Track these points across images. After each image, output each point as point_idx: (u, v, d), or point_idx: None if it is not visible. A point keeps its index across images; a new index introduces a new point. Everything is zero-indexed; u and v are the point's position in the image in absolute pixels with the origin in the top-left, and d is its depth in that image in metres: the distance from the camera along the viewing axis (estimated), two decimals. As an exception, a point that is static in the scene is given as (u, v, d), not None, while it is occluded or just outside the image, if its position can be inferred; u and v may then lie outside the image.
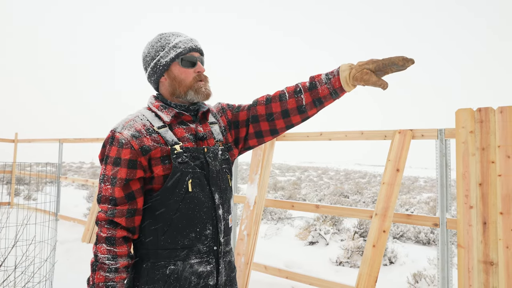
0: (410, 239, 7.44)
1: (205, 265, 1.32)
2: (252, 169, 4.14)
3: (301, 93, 1.38)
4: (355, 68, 1.28)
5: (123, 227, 1.27)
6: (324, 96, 1.35)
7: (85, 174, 25.33)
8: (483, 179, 2.71)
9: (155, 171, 1.29)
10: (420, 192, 20.98)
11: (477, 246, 2.64)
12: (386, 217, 3.18)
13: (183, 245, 1.30)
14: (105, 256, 1.24)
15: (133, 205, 1.28)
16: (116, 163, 1.26)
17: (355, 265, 5.46)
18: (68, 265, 4.52)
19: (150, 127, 1.33)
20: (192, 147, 1.34)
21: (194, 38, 1.43)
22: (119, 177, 1.26)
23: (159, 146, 1.30)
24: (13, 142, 9.09)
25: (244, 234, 3.92)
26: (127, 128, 1.30)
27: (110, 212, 1.25)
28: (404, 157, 3.27)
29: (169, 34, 1.40)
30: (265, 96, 1.47)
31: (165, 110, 1.37)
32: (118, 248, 1.25)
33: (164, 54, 1.37)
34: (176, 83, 1.38)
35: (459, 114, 2.89)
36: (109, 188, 1.26)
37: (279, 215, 9.16)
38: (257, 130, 1.48)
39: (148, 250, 1.31)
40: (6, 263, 3.08)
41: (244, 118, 1.50)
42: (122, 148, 1.27)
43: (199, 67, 1.40)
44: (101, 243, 1.25)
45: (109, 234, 1.24)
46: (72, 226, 6.96)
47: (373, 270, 3.10)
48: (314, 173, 43.64)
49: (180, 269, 1.29)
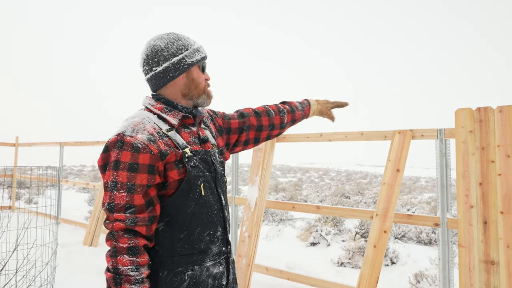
0: (411, 239, 7.42)
1: (218, 266, 1.36)
2: (252, 170, 4.14)
3: (284, 114, 1.74)
4: (321, 104, 1.84)
5: (143, 236, 1.22)
6: (298, 118, 1.80)
7: (86, 178, 25.33)
8: (483, 179, 2.71)
9: (171, 176, 1.26)
10: (422, 192, 20.95)
11: (478, 245, 2.64)
12: (386, 217, 3.18)
13: (199, 249, 1.30)
14: (129, 267, 1.16)
15: (153, 212, 1.23)
16: (133, 168, 1.19)
17: (356, 266, 5.45)
18: (69, 268, 4.52)
19: (160, 130, 1.29)
20: (201, 150, 1.36)
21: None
22: (139, 183, 1.20)
23: (173, 150, 1.28)
24: (13, 146, 9.11)
25: (245, 235, 3.92)
26: (139, 132, 1.24)
27: (130, 221, 1.18)
28: (404, 157, 3.27)
29: (185, 36, 1.39)
30: (251, 109, 1.70)
31: (170, 112, 1.34)
32: (141, 257, 1.19)
33: (189, 54, 1.36)
34: (193, 85, 1.38)
35: (458, 114, 2.89)
36: (125, 196, 1.19)
37: (280, 216, 9.15)
38: (246, 138, 1.67)
39: (164, 258, 1.27)
40: (7, 267, 3.08)
41: (236, 126, 1.63)
42: (139, 153, 1.20)
43: (207, 75, 1.46)
44: (122, 255, 1.16)
45: (131, 243, 1.17)
46: (73, 229, 6.96)
47: (374, 271, 3.10)
48: (315, 174, 43.61)
49: (198, 273, 1.29)
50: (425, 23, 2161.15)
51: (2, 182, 12.09)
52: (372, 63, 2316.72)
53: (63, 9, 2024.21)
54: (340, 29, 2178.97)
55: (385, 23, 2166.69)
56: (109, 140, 1.24)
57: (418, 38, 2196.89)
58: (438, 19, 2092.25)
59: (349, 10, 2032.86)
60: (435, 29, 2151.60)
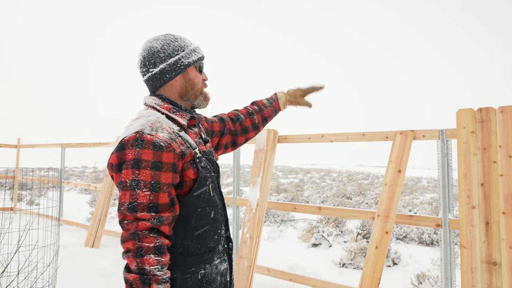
0: (413, 240, 7.41)
1: (223, 263, 1.40)
2: (254, 171, 4.14)
3: (253, 115, 1.75)
4: (289, 95, 1.80)
5: (166, 236, 1.20)
6: (269, 115, 1.79)
7: (88, 179, 25.36)
8: (485, 179, 2.70)
9: (187, 175, 1.26)
10: (423, 193, 20.91)
11: (480, 246, 2.63)
12: (388, 218, 3.17)
13: (210, 248, 1.33)
14: (155, 267, 1.13)
15: (174, 211, 1.21)
16: (157, 167, 1.17)
17: (358, 267, 5.45)
18: (71, 270, 4.52)
19: (173, 130, 1.28)
20: (207, 150, 1.40)
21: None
22: (164, 182, 1.18)
23: (188, 149, 1.28)
24: (15, 148, 9.12)
25: (247, 237, 3.91)
26: (159, 130, 1.22)
27: (156, 220, 1.15)
28: (406, 158, 3.26)
29: (182, 37, 1.39)
30: (226, 115, 1.74)
31: (178, 113, 1.34)
32: (165, 257, 1.17)
33: (186, 54, 1.35)
34: (190, 85, 1.37)
35: (460, 115, 2.88)
36: (149, 195, 1.15)
37: (282, 217, 9.14)
38: (226, 142, 1.70)
39: (177, 258, 1.26)
40: (9, 269, 3.08)
41: (218, 129, 1.65)
42: (162, 151, 1.18)
43: (204, 75, 1.44)
44: (148, 254, 1.12)
45: (157, 243, 1.14)
46: (75, 230, 6.97)
47: (376, 272, 3.09)
48: (316, 174, 43.58)
49: (209, 272, 1.32)
50: (424, 23, 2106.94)
51: (4, 183, 12.11)
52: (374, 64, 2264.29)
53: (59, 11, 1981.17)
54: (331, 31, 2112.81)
55: (384, 24, 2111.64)
56: (126, 138, 1.19)
57: (419, 40, 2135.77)
58: (438, 20, 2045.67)
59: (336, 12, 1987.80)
60: (435, 29, 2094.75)
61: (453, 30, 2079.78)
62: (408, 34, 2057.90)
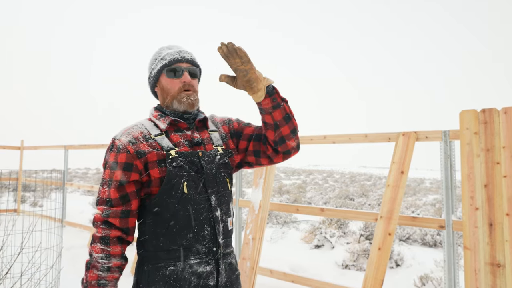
0: (416, 242, 7.38)
1: (204, 266, 1.36)
2: (256, 173, 4.14)
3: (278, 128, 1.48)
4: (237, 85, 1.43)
5: (117, 228, 1.32)
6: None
7: (91, 180, 25.42)
8: (488, 181, 2.69)
9: (152, 174, 1.35)
10: (426, 194, 20.86)
11: (484, 248, 2.62)
12: (391, 219, 3.16)
13: (181, 246, 1.34)
14: (99, 255, 1.28)
15: (127, 206, 1.34)
16: (113, 167, 1.34)
17: (361, 268, 5.43)
18: (74, 271, 4.53)
19: (147, 135, 1.41)
20: (187, 152, 1.40)
21: (185, 50, 1.48)
22: (114, 179, 1.33)
23: (154, 150, 1.37)
24: (19, 149, 9.16)
25: (250, 238, 3.91)
26: (125, 135, 1.38)
27: (105, 213, 1.31)
28: (409, 159, 3.26)
29: (164, 48, 1.50)
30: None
31: (162, 118, 1.45)
32: (112, 247, 1.30)
33: (154, 66, 1.48)
34: (164, 93, 1.46)
35: (463, 116, 2.87)
36: (106, 191, 1.33)
37: (284, 218, 9.13)
38: (256, 149, 1.52)
39: (149, 252, 1.35)
40: (12, 270, 3.09)
41: (248, 132, 1.55)
42: (119, 153, 1.35)
43: (184, 77, 1.43)
44: (96, 243, 1.29)
45: (103, 233, 1.30)
46: (78, 232, 6.99)
47: (379, 273, 3.08)
48: (319, 176, 43.53)
49: (180, 270, 1.32)
50: (425, 22, 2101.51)
51: (8, 185, 12.16)
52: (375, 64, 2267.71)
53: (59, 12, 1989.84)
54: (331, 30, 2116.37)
55: (385, 23, 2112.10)
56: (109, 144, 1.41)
57: (420, 39, 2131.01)
58: (439, 19, 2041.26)
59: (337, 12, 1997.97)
60: (436, 28, 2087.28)
61: (454, 29, 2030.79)
62: (409, 33, 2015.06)
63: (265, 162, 1.53)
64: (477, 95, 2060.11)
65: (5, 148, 9.03)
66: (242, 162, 1.58)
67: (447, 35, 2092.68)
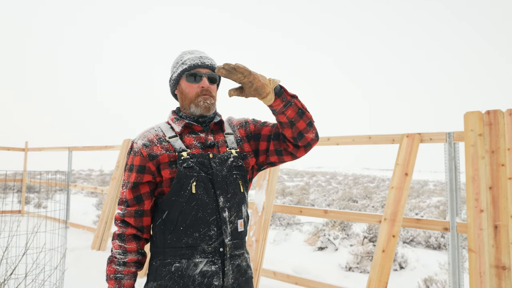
0: (420, 244, 7.35)
1: (209, 265, 1.38)
2: (259, 175, 4.14)
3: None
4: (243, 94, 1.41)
5: (133, 226, 1.43)
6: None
7: (94, 182, 25.49)
8: (493, 182, 2.68)
9: (163, 175, 1.42)
10: (430, 196, 20.77)
11: (489, 250, 2.60)
12: (395, 221, 3.15)
13: (187, 244, 1.38)
14: (117, 251, 1.41)
15: (141, 206, 1.44)
16: (130, 169, 1.45)
17: (365, 271, 5.41)
18: (78, 272, 4.54)
19: (162, 137, 1.48)
20: (198, 153, 1.44)
21: (206, 56, 1.53)
22: (130, 181, 1.44)
23: (166, 152, 1.44)
24: (23, 151, 9.20)
25: (253, 240, 3.91)
26: (141, 139, 1.48)
27: (122, 213, 1.43)
28: (413, 161, 3.25)
29: (186, 52, 1.55)
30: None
31: (177, 121, 1.51)
32: (128, 244, 1.41)
33: (175, 70, 1.54)
34: (183, 96, 1.52)
35: (467, 117, 2.86)
36: (124, 191, 1.45)
37: (287, 220, 9.12)
38: (277, 148, 1.53)
39: (158, 248, 1.44)
40: (17, 271, 3.11)
41: (266, 133, 1.57)
42: (135, 155, 1.45)
43: (203, 82, 1.48)
44: (115, 240, 1.42)
45: (121, 231, 1.42)
46: (81, 233, 7.01)
47: (383, 275, 3.07)
48: (322, 178, 43.45)
49: (184, 267, 1.37)
50: (427, 23, 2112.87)
51: (12, 186, 12.22)
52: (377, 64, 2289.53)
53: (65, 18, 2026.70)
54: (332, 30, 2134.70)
55: (386, 23, 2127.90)
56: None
57: (423, 40, 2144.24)
58: (440, 17, 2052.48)
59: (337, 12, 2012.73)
60: (438, 26, 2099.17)
61: (456, 27, 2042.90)
62: (410, 32, 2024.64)
63: (288, 159, 1.55)
64: (482, 96, 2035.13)
65: (9, 149, 9.08)
66: (263, 163, 1.59)
67: (449, 33, 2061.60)
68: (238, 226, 1.46)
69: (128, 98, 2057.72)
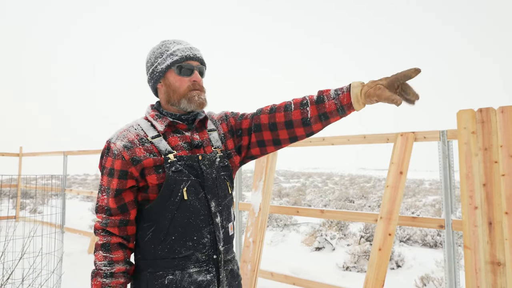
0: (416, 242, 7.39)
1: (204, 274, 1.31)
2: (256, 176, 4.15)
3: (307, 106, 1.34)
4: (367, 84, 1.24)
5: (117, 235, 1.30)
6: (331, 111, 1.31)
7: (90, 186, 25.37)
8: (487, 179, 2.71)
9: (149, 180, 1.29)
10: (426, 195, 20.87)
11: (484, 246, 2.63)
12: (391, 220, 3.17)
13: (180, 254, 1.28)
14: (102, 262, 1.27)
15: (126, 216, 1.30)
16: (111, 174, 1.30)
17: (362, 270, 5.43)
18: (74, 276, 4.53)
19: (144, 137, 1.33)
20: (186, 156, 1.33)
21: (195, 47, 1.40)
22: (112, 187, 1.29)
23: (151, 156, 1.30)
24: (17, 156, 9.15)
25: (250, 241, 3.92)
26: (120, 139, 1.32)
27: (104, 222, 1.29)
28: (407, 159, 3.27)
29: (171, 42, 1.40)
30: (270, 106, 1.44)
31: (159, 119, 1.37)
32: (114, 253, 1.28)
33: (161, 61, 1.37)
34: (171, 90, 1.37)
35: (460, 115, 2.89)
36: (105, 199, 1.30)
37: (284, 221, 9.13)
38: (259, 139, 1.43)
39: (146, 260, 1.31)
40: (13, 276, 3.09)
41: (246, 126, 1.46)
42: (115, 159, 1.29)
43: (195, 76, 1.37)
44: (98, 251, 1.28)
45: (104, 240, 1.28)
46: (78, 238, 6.98)
47: (380, 274, 3.09)
48: (318, 178, 43.52)
49: (179, 279, 1.27)
50: (422, 21, 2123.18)
51: (7, 192, 12.13)
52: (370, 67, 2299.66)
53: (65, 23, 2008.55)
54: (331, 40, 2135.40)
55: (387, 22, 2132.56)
56: (103, 147, 1.36)
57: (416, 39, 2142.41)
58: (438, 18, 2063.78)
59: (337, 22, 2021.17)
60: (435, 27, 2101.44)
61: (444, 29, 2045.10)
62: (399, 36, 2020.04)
63: (271, 149, 1.45)
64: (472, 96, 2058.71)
65: (4, 155, 9.02)
66: (244, 158, 1.51)
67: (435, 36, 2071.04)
68: (229, 230, 1.41)
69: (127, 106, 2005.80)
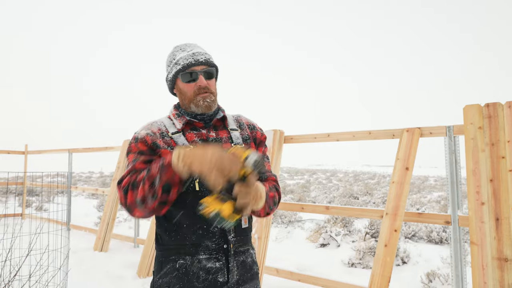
0: (422, 239, 7.36)
1: (213, 262, 1.37)
2: (260, 172, 4.15)
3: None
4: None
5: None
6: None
7: (95, 184, 25.49)
8: (493, 175, 2.69)
9: None
10: (431, 191, 20.79)
11: (491, 242, 2.61)
12: (397, 216, 3.16)
13: (191, 241, 1.37)
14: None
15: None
16: (137, 152, 1.39)
17: (367, 266, 5.42)
18: (81, 273, 4.55)
19: (165, 132, 1.45)
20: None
21: (199, 51, 1.48)
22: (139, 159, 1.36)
23: (169, 148, 1.40)
24: (23, 154, 9.20)
25: (255, 237, 3.92)
26: (144, 129, 1.45)
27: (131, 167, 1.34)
28: (413, 155, 3.25)
29: (178, 49, 1.52)
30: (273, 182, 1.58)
31: (179, 118, 1.49)
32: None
33: (170, 70, 1.51)
34: (182, 96, 1.50)
35: (467, 110, 2.87)
36: (132, 166, 1.36)
37: (289, 218, 9.13)
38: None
39: (163, 246, 1.42)
40: (20, 272, 3.11)
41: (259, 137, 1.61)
42: (138, 142, 1.40)
43: (200, 81, 1.45)
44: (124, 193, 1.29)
45: (131, 180, 1.29)
46: (83, 235, 7.01)
47: (385, 270, 3.08)
48: (322, 175, 43.48)
49: (189, 264, 1.36)
50: (426, 20, 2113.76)
51: (13, 190, 12.22)
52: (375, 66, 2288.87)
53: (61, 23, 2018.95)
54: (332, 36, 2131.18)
55: (384, 28, 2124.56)
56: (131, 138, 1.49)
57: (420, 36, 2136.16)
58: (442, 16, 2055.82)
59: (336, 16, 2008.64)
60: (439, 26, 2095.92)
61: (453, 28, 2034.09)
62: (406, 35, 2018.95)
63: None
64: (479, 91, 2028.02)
65: (9, 153, 9.08)
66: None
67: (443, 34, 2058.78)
68: (242, 222, 1.45)
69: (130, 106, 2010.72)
